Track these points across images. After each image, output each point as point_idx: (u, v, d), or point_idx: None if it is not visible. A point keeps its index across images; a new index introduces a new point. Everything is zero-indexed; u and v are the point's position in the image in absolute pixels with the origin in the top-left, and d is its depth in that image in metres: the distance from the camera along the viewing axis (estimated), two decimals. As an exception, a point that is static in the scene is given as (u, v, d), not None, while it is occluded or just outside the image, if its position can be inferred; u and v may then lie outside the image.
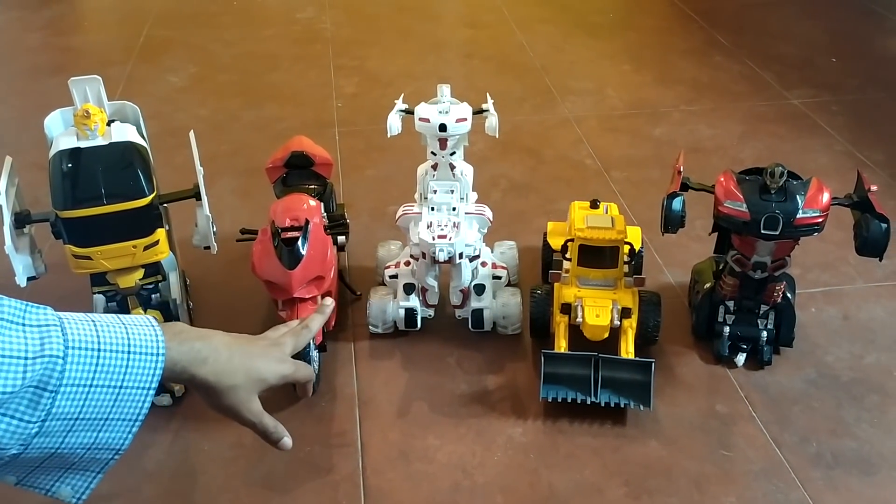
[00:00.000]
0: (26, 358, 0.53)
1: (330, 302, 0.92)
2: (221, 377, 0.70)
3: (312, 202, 1.21)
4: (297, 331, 0.85)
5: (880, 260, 1.10)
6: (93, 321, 0.59)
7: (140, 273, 1.10)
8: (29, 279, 1.06)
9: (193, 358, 0.67)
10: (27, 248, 1.06)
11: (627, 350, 1.15)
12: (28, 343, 0.54)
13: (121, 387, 0.59)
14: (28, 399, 0.54)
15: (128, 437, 0.61)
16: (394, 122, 1.18)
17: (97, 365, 0.57)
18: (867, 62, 2.25)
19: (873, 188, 1.10)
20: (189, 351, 0.67)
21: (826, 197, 1.09)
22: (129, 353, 0.59)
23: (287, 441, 0.79)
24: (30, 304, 0.57)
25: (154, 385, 0.61)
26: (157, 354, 0.61)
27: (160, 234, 1.08)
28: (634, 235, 1.32)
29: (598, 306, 1.16)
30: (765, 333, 1.21)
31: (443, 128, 1.14)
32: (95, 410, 0.58)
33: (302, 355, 1.09)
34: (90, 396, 0.57)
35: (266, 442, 0.79)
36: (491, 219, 1.24)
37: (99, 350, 0.58)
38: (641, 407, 1.11)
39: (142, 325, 0.62)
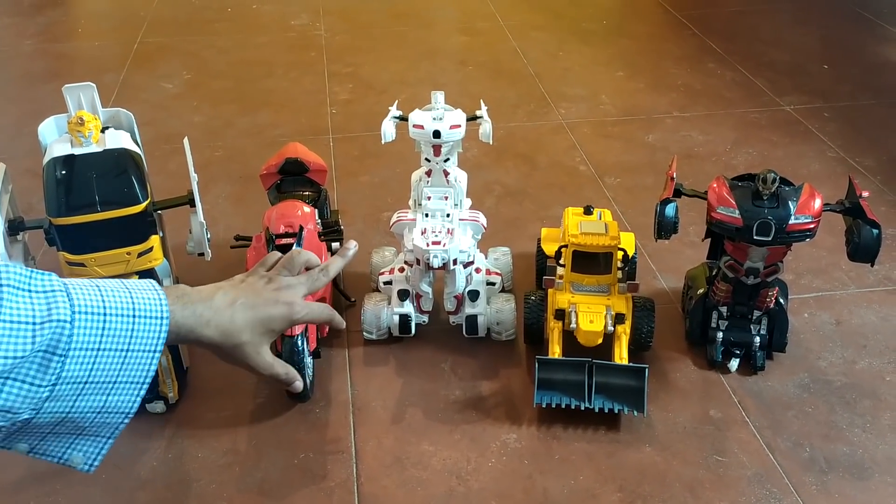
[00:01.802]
0: (34, 323, 0.54)
1: (354, 245, 0.86)
2: (227, 336, 0.70)
3: (307, 208, 1.21)
4: (314, 274, 0.81)
5: (872, 265, 1.11)
6: (97, 286, 0.60)
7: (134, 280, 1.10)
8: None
9: (196, 321, 0.68)
10: (20, 255, 1.06)
11: (621, 356, 1.15)
12: (35, 309, 0.55)
13: (127, 350, 0.60)
14: (38, 364, 0.54)
15: (136, 399, 0.61)
16: (388, 129, 1.18)
17: (104, 329, 0.58)
18: (859, 69, 2.27)
19: (865, 194, 1.11)
20: (192, 314, 0.68)
21: (818, 203, 1.10)
22: (133, 316, 0.60)
23: (298, 384, 0.80)
24: (35, 270, 0.58)
25: (159, 348, 0.62)
26: (161, 318, 0.62)
27: (154, 240, 1.08)
28: (628, 241, 1.32)
29: (591, 312, 1.16)
30: (758, 339, 1.21)
31: (437, 134, 1.14)
32: (104, 374, 0.59)
33: (296, 362, 1.09)
34: (98, 360, 0.58)
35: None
36: (485, 225, 1.25)
37: (105, 314, 0.58)
38: (635, 412, 1.11)
39: (145, 290, 0.63)
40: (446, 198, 1.21)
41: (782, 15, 2.65)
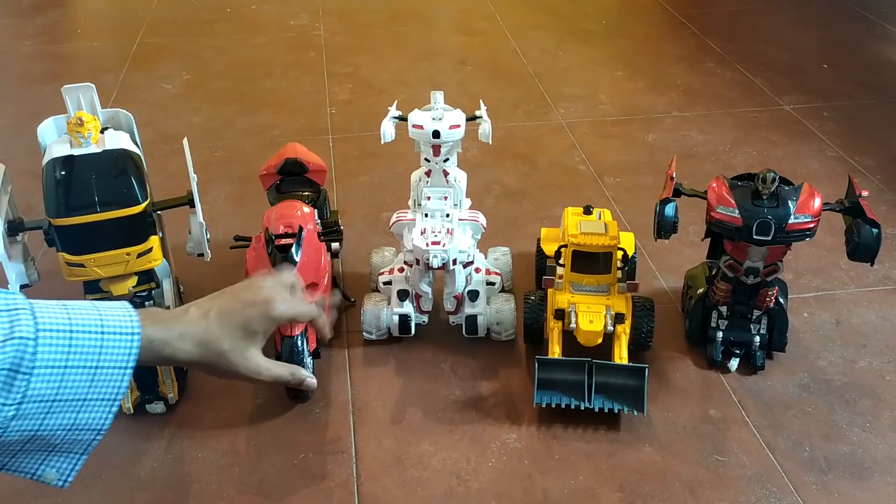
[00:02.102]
0: None
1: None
2: (205, 347, 0.68)
3: (306, 209, 1.21)
4: (302, 294, 0.79)
5: (872, 265, 1.11)
6: (64, 305, 0.59)
7: (133, 280, 1.10)
8: (22, 287, 1.06)
9: (169, 335, 0.66)
10: (20, 256, 1.06)
11: (621, 355, 1.15)
12: None
13: (97, 367, 0.58)
14: (1, 382, 0.54)
15: (108, 416, 0.60)
16: (387, 129, 1.18)
17: (70, 346, 0.57)
18: (858, 68, 2.27)
19: (864, 193, 1.11)
20: (164, 329, 0.65)
21: (818, 202, 1.10)
22: (102, 333, 0.59)
23: (311, 381, 0.77)
24: None
25: (131, 364, 0.60)
26: (133, 333, 0.60)
27: (154, 241, 1.08)
28: (628, 241, 1.32)
29: (591, 312, 1.16)
30: (758, 338, 1.21)
31: (436, 134, 1.14)
32: (72, 391, 0.58)
33: (296, 362, 1.09)
34: (66, 378, 0.57)
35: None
36: (485, 225, 1.25)
37: (71, 331, 0.57)
38: (635, 412, 1.11)
39: (115, 308, 0.62)
40: (446, 198, 1.21)
41: (781, 14, 2.65)
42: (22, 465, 0.60)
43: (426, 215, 1.21)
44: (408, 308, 1.25)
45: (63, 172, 1.02)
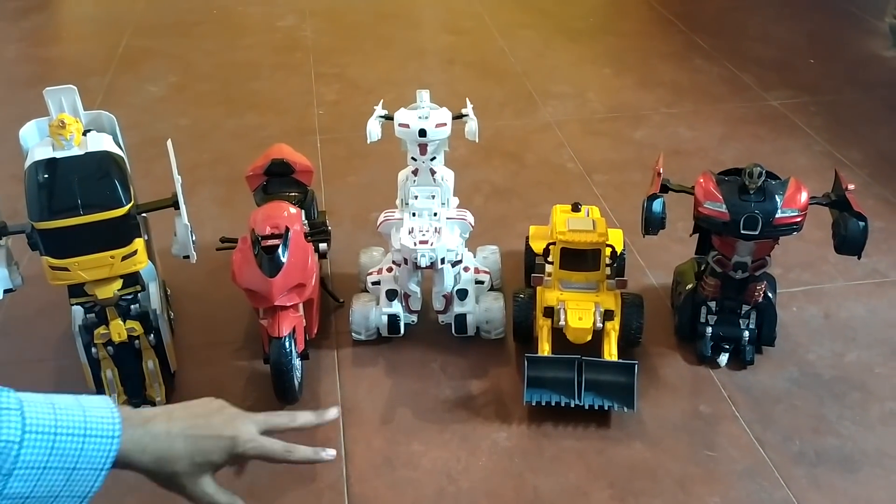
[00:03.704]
0: None
1: (335, 411, 0.85)
2: (160, 464, 0.67)
3: (293, 209, 1.21)
4: (278, 415, 0.79)
5: (859, 258, 1.11)
6: (52, 403, 0.60)
7: (119, 284, 1.09)
8: (6, 292, 1.05)
9: (134, 446, 0.65)
10: (4, 261, 1.05)
11: (611, 352, 1.15)
12: None
13: (74, 468, 0.59)
14: None
15: None
16: (373, 128, 1.18)
17: (52, 448, 0.58)
18: (845, 63, 2.27)
19: (851, 187, 1.11)
20: (131, 438, 0.65)
21: (804, 196, 1.10)
22: (84, 435, 0.60)
23: None
24: None
25: (107, 466, 0.61)
26: (113, 437, 0.62)
27: (138, 243, 1.07)
28: (616, 238, 1.32)
29: (580, 309, 1.16)
30: (747, 333, 1.21)
31: (423, 133, 1.14)
32: (47, 489, 0.58)
33: (284, 363, 1.09)
34: (43, 477, 0.58)
35: None
36: (472, 223, 1.24)
37: (56, 433, 0.58)
38: (625, 409, 1.11)
39: (100, 408, 0.63)
40: (433, 197, 1.20)
41: (768, 10, 2.66)
42: None
43: (414, 214, 1.20)
44: (397, 308, 1.24)
45: (45, 175, 1.01)
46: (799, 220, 1.09)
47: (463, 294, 1.25)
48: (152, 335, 1.15)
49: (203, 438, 0.70)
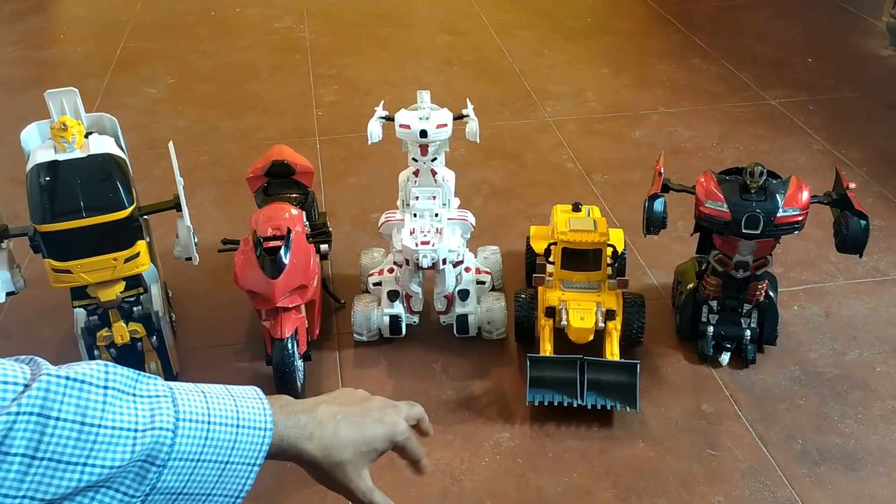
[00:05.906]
0: (136, 430, 0.51)
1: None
2: (329, 452, 0.65)
3: (294, 211, 1.21)
4: (413, 406, 0.75)
5: (860, 257, 1.11)
6: (203, 392, 0.57)
7: (121, 286, 1.09)
8: (8, 294, 1.05)
9: (299, 433, 0.63)
10: (5, 264, 1.05)
11: (612, 352, 1.15)
12: (138, 414, 0.52)
13: (227, 462, 0.57)
14: (135, 473, 0.52)
15: None
16: (374, 130, 1.18)
17: (206, 438, 0.55)
18: (842, 62, 2.28)
19: (852, 186, 1.11)
20: (295, 425, 0.63)
21: (806, 195, 1.10)
22: (237, 426, 0.57)
23: None
24: (141, 373, 0.54)
25: (260, 461, 0.58)
26: (266, 429, 0.59)
27: (140, 246, 1.07)
28: (617, 238, 1.32)
29: (582, 309, 1.16)
30: (748, 332, 1.22)
31: (423, 134, 1.14)
32: (199, 485, 0.56)
33: (286, 365, 1.09)
34: (196, 471, 0.55)
35: None
36: (474, 224, 1.24)
37: (209, 423, 0.55)
38: (628, 408, 1.11)
39: (250, 398, 0.60)
40: (434, 197, 1.20)
41: (766, 9, 2.66)
42: None
43: (415, 215, 1.20)
44: (398, 308, 1.24)
45: (48, 178, 1.01)
46: (800, 219, 1.09)
47: (464, 294, 1.25)
48: (155, 337, 1.15)
49: (367, 425, 0.67)
